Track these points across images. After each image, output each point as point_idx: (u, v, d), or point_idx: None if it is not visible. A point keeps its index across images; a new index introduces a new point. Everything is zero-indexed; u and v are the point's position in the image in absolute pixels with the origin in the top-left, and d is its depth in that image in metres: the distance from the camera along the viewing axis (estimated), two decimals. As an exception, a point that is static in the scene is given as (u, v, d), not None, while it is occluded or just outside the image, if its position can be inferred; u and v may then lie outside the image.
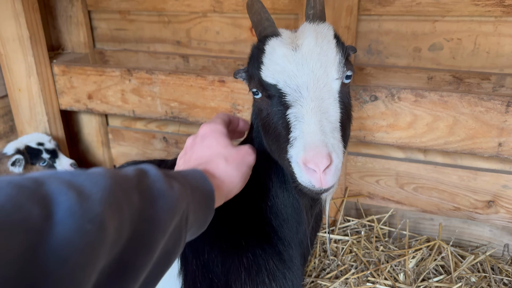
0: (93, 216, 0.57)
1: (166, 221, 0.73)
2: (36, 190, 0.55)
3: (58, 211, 0.54)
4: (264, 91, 1.14)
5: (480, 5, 1.67)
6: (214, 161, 1.06)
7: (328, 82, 1.10)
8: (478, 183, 1.83)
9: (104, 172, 0.67)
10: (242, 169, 1.10)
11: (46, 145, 2.02)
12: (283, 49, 1.10)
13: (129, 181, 0.71)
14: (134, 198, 0.69)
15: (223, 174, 1.04)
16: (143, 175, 0.76)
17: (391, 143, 1.72)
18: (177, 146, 2.33)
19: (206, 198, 0.91)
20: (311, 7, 1.26)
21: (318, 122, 1.01)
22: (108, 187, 0.63)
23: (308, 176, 0.98)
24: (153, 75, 1.97)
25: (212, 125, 1.17)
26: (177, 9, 2.13)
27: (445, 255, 1.85)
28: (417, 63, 1.87)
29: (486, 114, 1.55)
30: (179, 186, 0.80)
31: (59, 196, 0.56)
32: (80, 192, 0.58)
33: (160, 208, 0.73)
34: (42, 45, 2.09)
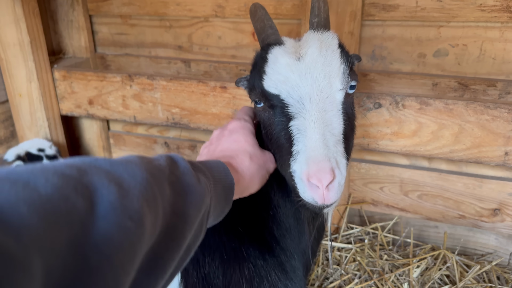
0: (133, 213, 0.57)
1: (194, 216, 0.74)
2: (79, 179, 0.54)
3: (100, 204, 0.54)
4: (266, 101, 1.11)
5: (486, 11, 1.64)
6: (239, 156, 1.07)
7: (332, 93, 1.07)
8: (484, 191, 1.80)
9: (139, 162, 0.67)
10: (262, 171, 1.11)
11: (46, 151, 2.00)
12: (286, 59, 1.08)
13: (161, 172, 0.71)
14: (166, 190, 0.69)
15: (245, 171, 1.05)
16: (174, 166, 0.77)
17: (395, 151, 1.69)
18: (178, 151, 2.31)
19: (227, 191, 0.93)
20: (315, 15, 1.23)
21: (321, 136, 0.99)
22: (145, 180, 0.63)
23: (310, 192, 0.97)
24: (154, 80, 1.95)
25: (241, 122, 1.17)
26: (179, 13, 2.11)
27: (450, 265, 1.82)
28: (421, 69, 1.84)
29: (492, 122, 1.52)
30: (205, 180, 0.81)
31: (101, 188, 0.55)
32: (120, 185, 0.58)
33: (190, 203, 0.74)
34: (43, 50, 2.08)
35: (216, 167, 0.93)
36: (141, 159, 0.70)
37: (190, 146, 2.27)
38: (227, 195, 0.93)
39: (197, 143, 2.26)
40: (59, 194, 0.50)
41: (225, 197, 0.92)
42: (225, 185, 0.92)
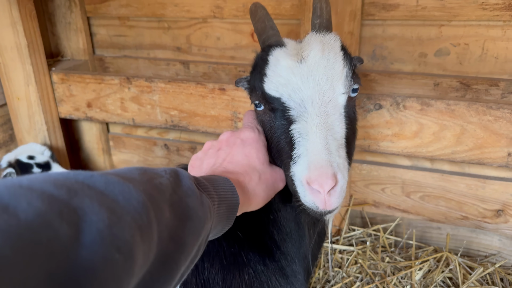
0: (122, 243, 0.52)
1: (191, 245, 0.70)
2: (67, 202, 0.50)
3: (87, 232, 0.49)
4: (267, 104, 1.10)
5: (488, 9, 1.62)
6: (248, 173, 1.02)
7: (334, 97, 1.05)
8: (487, 192, 1.78)
9: (139, 180, 0.64)
10: (269, 192, 1.07)
11: (37, 158, 1.96)
12: (288, 61, 1.06)
13: (162, 193, 0.67)
14: (166, 213, 0.65)
15: (251, 191, 1.01)
16: (178, 184, 0.73)
17: (397, 152, 1.67)
18: (178, 153, 2.30)
19: (230, 210, 0.89)
20: (318, 16, 1.21)
21: (323, 140, 0.97)
22: (141, 205, 0.59)
23: (312, 196, 0.95)
24: (152, 83, 1.93)
25: (256, 134, 1.11)
26: (177, 15, 2.09)
27: (453, 267, 1.79)
28: (423, 69, 1.82)
29: (495, 123, 1.50)
30: (209, 203, 0.78)
31: (91, 214, 0.51)
32: (112, 210, 0.54)
33: (188, 230, 0.69)
34: (41, 53, 2.06)
35: (222, 185, 0.89)
36: (142, 175, 0.66)
37: (190, 148, 2.26)
38: (229, 214, 0.89)
39: (197, 145, 2.24)
40: (41, 220, 0.45)
41: (227, 216, 0.89)
42: (229, 205, 0.89)
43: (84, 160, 2.54)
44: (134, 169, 0.67)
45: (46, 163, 1.98)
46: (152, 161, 2.38)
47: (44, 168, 1.96)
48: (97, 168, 2.52)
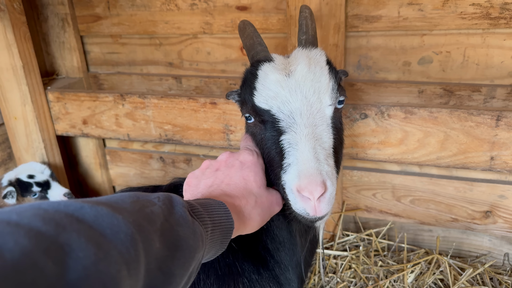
0: (108, 280, 0.53)
1: (180, 276, 0.70)
2: (54, 239, 0.51)
3: (73, 268, 0.50)
4: (257, 117, 1.14)
5: (466, 18, 1.67)
6: (245, 197, 1.03)
7: (321, 109, 1.10)
8: (475, 194, 1.83)
9: (130, 209, 0.64)
10: (264, 216, 1.07)
11: (37, 177, 2.01)
12: (276, 75, 1.11)
13: (152, 223, 0.67)
14: (156, 244, 0.65)
15: (247, 215, 1.01)
16: (170, 211, 0.73)
17: (384, 159, 1.72)
18: (174, 165, 2.35)
19: (224, 235, 0.89)
20: (303, 33, 1.27)
21: (312, 149, 1.01)
22: (129, 238, 0.59)
23: (302, 203, 0.98)
24: (145, 99, 1.98)
25: (254, 157, 1.13)
26: (168, 31, 2.15)
27: (444, 269, 1.84)
28: (407, 77, 1.87)
29: (476, 128, 1.55)
30: (201, 231, 0.77)
31: (77, 251, 0.52)
32: (99, 245, 0.54)
33: (178, 261, 0.70)
34: (36, 73, 2.12)
35: (217, 210, 0.89)
36: (134, 203, 0.67)
37: (185, 160, 2.31)
38: (223, 239, 0.89)
39: (192, 157, 2.29)
40: (26, 259, 0.46)
41: (221, 241, 0.88)
42: (224, 230, 0.88)
43: (82, 175, 2.59)
44: (126, 197, 0.68)
45: (45, 182, 2.03)
46: (149, 173, 2.43)
47: (43, 187, 2.00)
48: (95, 182, 2.57)
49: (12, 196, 1.93)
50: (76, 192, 2.62)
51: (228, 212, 0.92)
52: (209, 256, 0.89)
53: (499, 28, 1.67)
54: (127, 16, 2.19)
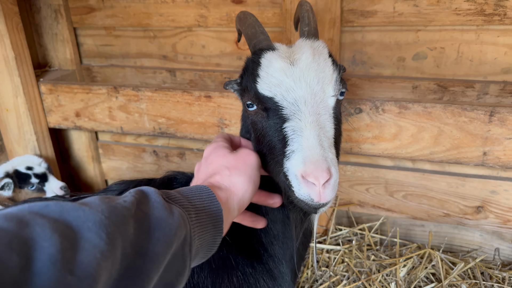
0: (76, 265, 0.53)
1: (162, 253, 0.70)
2: (17, 234, 0.51)
3: (38, 259, 0.50)
4: (260, 104, 1.14)
5: (461, 15, 1.68)
6: (218, 173, 1.05)
7: (325, 98, 1.11)
8: (467, 189, 1.84)
9: (98, 203, 0.64)
10: (247, 171, 1.07)
11: (35, 169, 2.00)
12: (281, 63, 1.11)
13: (124, 211, 0.68)
14: (129, 229, 0.66)
15: (228, 184, 1.02)
16: (143, 200, 0.74)
17: (377, 154, 1.73)
18: (167, 159, 2.34)
19: (213, 218, 0.88)
20: (306, 24, 1.28)
21: (317, 136, 1.01)
22: (98, 224, 0.59)
23: (307, 189, 0.98)
24: (139, 92, 1.97)
25: (212, 144, 1.18)
26: (162, 24, 2.13)
27: (436, 263, 1.86)
28: (401, 73, 1.88)
29: (470, 124, 1.56)
30: (180, 211, 0.78)
31: (42, 241, 0.52)
32: (65, 235, 0.55)
33: (157, 240, 0.70)
34: (28, 65, 2.09)
35: (198, 194, 0.90)
36: (102, 199, 0.67)
37: (178, 154, 2.30)
38: (214, 222, 0.88)
39: (185, 151, 2.28)
40: None
41: (213, 225, 0.88)
42: (211, 212, 0.88)
43: (74, 168, 2.57)
44: (95, 197, 0.68)
45: (43, 174, 2.02)
46: (142, 167, 2.42)
47: (41, 179, 2.00)
48: (87, 175, 2.55)
49: (9, 187, 1.91)
50: (68, 185, 2.59)
51: (210, 193, 0.92)
52: (207, 243, 0.88)
53: (493, 25, 1.68)
54: (121, 8, 2.18)
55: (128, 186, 1.58)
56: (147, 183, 1.59)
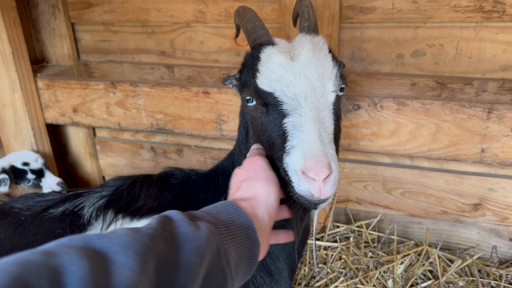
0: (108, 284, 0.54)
1: (196, 263, 0.71)
2: (45, 263, 0.52)
3: (69, 283, 0.51)
4: (259, 99, 1.13)
5: (460, 11, 1.68)
6: (238, 189, 1.03)
7: (325, 94, 1.10)
8: (465, 187, 1.84)
9: (122, 229, 0.66)
10: (261, 176, 1.03)
11: (31, 165, 1.99)
12: (280, 58, 1.10)
13: (151, 231, 0.69)
14: (160, 247, 0.67)
15: (249, 194, 0.99)
16: (167, 222, 0.75)
17: (375, 151, 1.73)
18: (165, 156, 2.33)
19: (245, 230, 0.87)
20: (306, 20, 1.27)
21: (317, 132, 1.01)
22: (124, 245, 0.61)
23: (307, 184, 0.96)
24: (137, 87, 1.96)
25: None
26: (160, 19, 2.12)
27: (433, 260, 1.86)
28: (400, 70, 1.87)
29: (468, 121, 1.56)
30: (207, 225, 0.78)
31: (71, 266, 0.53)
32: (94, 260, 0.56)
33: (188, 252, 0.71)
34: (25, 60, 2.08)
35: (223, 210, 0.89)
36: (128, 228, 0.69)
37: (176, 151, 2.29)
38: (247, 233, 0.87)
39: (183, 147, 2.27)
40: (17, 282, 0.47)
41: (246, 236, 0.86)
42: (241, 225, 0.87)
43: (71, 164, 2.56)
44: (121, 228, 0.70)
45: (40, 170, 2.01)
46: (139, 164, 2.41)
47: (37, 175, 1.98)
48: (85, 171, 2.54)
49: (5, 183, 1.90)
50: (66, 182, 2.58)
51: (235, 207, 0.91)
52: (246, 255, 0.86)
53: (492, 22, 1.68)
54: (119, 4, 2.16)
55: (124, 182, 1.58)
56: (144, 179, 1.58)
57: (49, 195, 1.61)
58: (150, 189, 1.53)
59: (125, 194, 1.53)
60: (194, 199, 1.51)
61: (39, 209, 1.51)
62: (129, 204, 1.51)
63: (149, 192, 1.53)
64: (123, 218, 1.47)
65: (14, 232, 1.43)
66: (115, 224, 1.45)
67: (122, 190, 1.54)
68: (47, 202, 1.55)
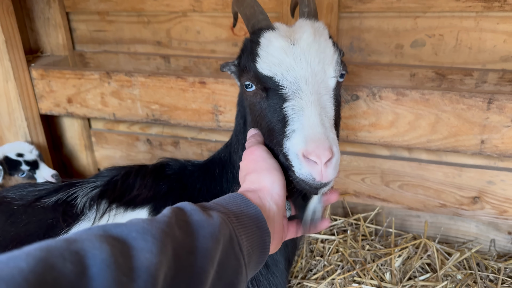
0: (127, 269, 0.57)
1: (211, 248, 0.72)
2: (67, 247, 0.54)
3: (92, 265, 0.54)
4: (259, 84, 1.11)
5: (460, 1, 1.65)
6: (243, 182, 1.03)
7: (325, 79, 1.08)
8: (463, 180, 1.82)
9: (137, 219, 0.68)
10: (262, 166, 1.02)
11: (26, 156, 1.96)
12: (281, 42, 1.09)
13: (166, 219, 0.71)
14: (176, 232, 0.69)
15: (255, 186, 0.99)
16: (180, 212, 0.77)
17: (374, 142, 1.70)
18: (161, 148, 2.30)
19: (255, 220, 0.87)
20: (306, 5, 1.26)
21: (318, 115, 0.99)
22: (141, 230, 0.64)
23: (308, 168, 0.95)
24: (132, 77, 1.93)
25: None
26: (156, 9, 2.09)
27: (431, 253, 1.84)
28: (399, 60, 1.85)
29: (468, 111, 1.54)
30: (219, 214, 0.80)
31: (92, 250, 0.56)
32: (114, 245, 0.59)
33: (203, 237, 0.73)
34: (19, 49, 2.05)
35: (233, 201, 0.90)
36: (143, 218, 0.71)
37: (173, 143, 2.27)
38: (257, 223, 0.87)
39: (179, 139, 2.25)
40: (43, 264, 0.49)
41: (256, 226, 0.87)
42: (250, 214, 0.88)
43: (66, 156, 2.53)
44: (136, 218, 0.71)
45: (34, 161, 1.98)
46: (135, 156, 2.38)
47: (32, 166, 1.96)
48: (80, 164, 2.51)
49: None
50: (60, 174, 2.56)
51: (244, 198, 0.91)
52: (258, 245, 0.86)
53: (493, 12, 1.66)
54: (115, -7, 2.13)
55: (119, 172, 1.55)
56: (138, 169, 1.56)
57: (42, 185, 1.58)
58: (144, 179, 1.51)
59: (119, 184, 1.51)
60: (189, 190, 1.49)
61: (32, 198, 1.48)
62: (123, 194, 1.49)
63: (144, 182, 1.51)
64: (117, 208, 1.45)
65: (5, 221, 1.41)
66: (109, 214, 1.42)
67: (116, 180, 1.52)
68: (40, 191, 1.52)
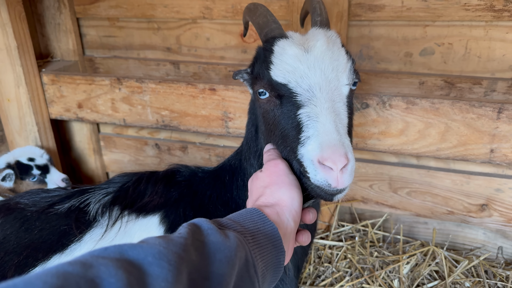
0: None
1: (227, 274, 0.71)
2: (83, 275, 0.54)
3: None
4: (273, 91, 1.12)
5: (470, 10, 1.66)
6: (261, 195, 1.02)
7: (339, 87, 1.10)
8: (471, 187, 1.83)
9: (154, 239, 0.67)
10: (284, 180, 1.02)
11: (37, 160, 1.98)
12: (295, 50, 1.10)
13: (182, 240, 0.70)
14: (191, 256, 0.68)
15: (274, 201, 0.98)
16: (197, 231, 0.76)
17: (383, 150, 1.71)
18: (169, 152, 2.32)
19: (271, 238, 0.86)
20: (318, 15, 1.28)
21: (333, 122, 1.00)
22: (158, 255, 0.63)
23: (324, 174, 0.95)
24: (143, 83, 1.95)
25: None
26: (167, 15, 2.11)
27: (439, 261, 1.85)
28: (408, 68, 1.86)
29: (477, 120, 1.54)
30: (235, 234, 0.79)
31: (108, 278, 0.55)
32: (130, 271, 0.58)
33: (219, 262, 0.71)
34: (30, 55, 2.07)
35: (249, 217, 0.89)
36: (157, 236, 0.70)
37: (181, 148, 2.28)
38: (273, 242, 0.86)
39: (188, 144, 2.26)
40: None
41: (272, 244, 0.86)
42: (267, 232, 0.86)
43: (75, 160, 2.55)
44: (152, 236, 0.70)
45: (45, 166, 2.00)
46: (143, 160, 2.40)
47: (43, 171, 1.98)
48: (88, 168, 2.53)
49: (10, 178, 1.90)
50: (69, 177, 2.58)
51: (261, 214, 0.90)
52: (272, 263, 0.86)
53: (502, 21, 1.66)
54: (125, -1, 2.15)
55: (131, 179, 1.57)
56: (150, 176, 1.57)
57: (54, 191, 1.60)
58: (156, 186, 1.53)
59: (131, 191, 1.52)
60: (200, 197, 1.50)
61: (45, 205, 1.50)
62: (135, 200, 1.50)
63: (155, 189, 1.52)
64: (129, 214, 1.46)
65: (20, 228, 1.42)
66: (121, 221, 1.44)
67: (128, 187, 1.53)
68: (52, 198, 1.54)
